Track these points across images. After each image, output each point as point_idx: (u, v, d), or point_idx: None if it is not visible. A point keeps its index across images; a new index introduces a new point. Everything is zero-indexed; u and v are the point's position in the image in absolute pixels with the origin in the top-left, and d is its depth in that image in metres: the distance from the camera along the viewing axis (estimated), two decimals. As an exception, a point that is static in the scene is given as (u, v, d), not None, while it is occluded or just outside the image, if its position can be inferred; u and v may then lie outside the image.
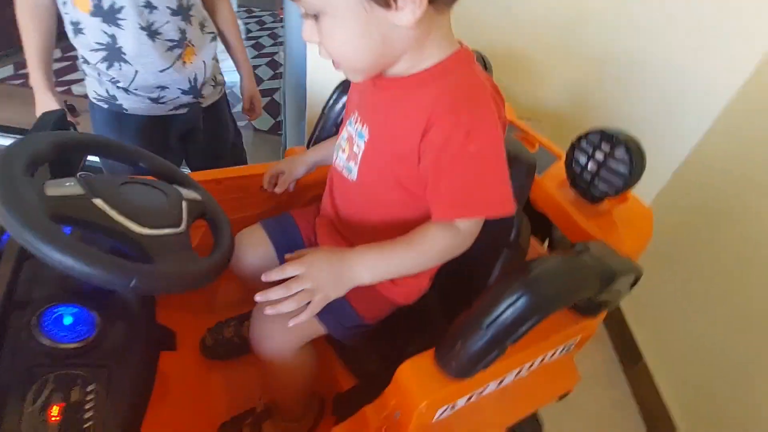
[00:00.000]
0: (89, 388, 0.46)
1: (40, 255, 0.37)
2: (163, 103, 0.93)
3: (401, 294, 0.66)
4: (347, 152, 0.61)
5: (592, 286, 0.50)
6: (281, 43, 3.06)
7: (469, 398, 0.58)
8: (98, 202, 0.43)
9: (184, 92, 0.94)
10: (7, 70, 2.19)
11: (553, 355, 0.65)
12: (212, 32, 0.98)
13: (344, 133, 0.63)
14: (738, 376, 0.93)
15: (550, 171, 0.73)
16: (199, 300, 0.93)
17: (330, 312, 0.62)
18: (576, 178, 0.65)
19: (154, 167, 0.59)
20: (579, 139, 0.63)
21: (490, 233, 0.69)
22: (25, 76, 2.11)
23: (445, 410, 0.56)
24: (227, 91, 1.13)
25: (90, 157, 0.61)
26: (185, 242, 0.50)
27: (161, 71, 0.88)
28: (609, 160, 0.59)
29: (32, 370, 0.43)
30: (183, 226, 0.51)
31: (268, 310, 0.52)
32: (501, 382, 0.60)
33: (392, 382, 0.55)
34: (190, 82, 0.94)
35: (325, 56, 0.50)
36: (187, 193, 0.56)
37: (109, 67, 0.85)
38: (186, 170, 0.94)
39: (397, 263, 0.55)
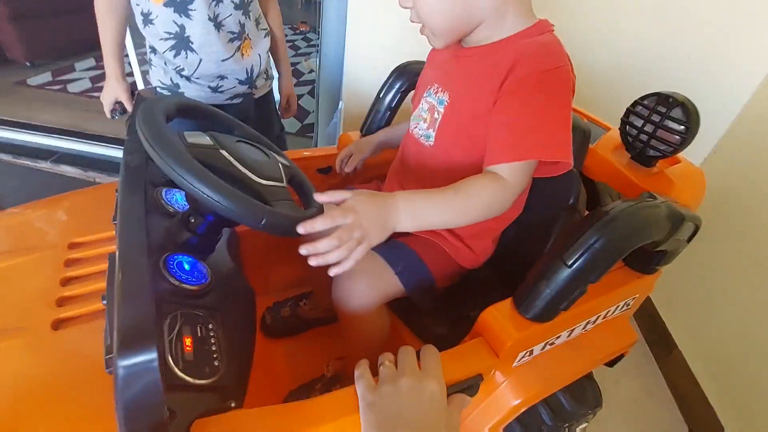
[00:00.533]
0: (210, 326, 0.50)
1: (192, 191, 0.42)
2: (221, 92, 0.99)
3: (467, 257, 0.70)
4: (428, 121, 0.65)
5: (663, 227, 0.54)
6: (302, 54, 3.17)
7: (544, 346, 0.61)
8: (224, 153, 0.49)
9: (240, 82, 1.00)
10: (46, 77, 2.28)
11: (615, 311, 0.68)
12: (266, 29, 1.04)
13: (423, 104, 0.67)
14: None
15: (601, 141, 0.77)
16: (256, 281, 0.97)
17: (407, 270, 0.67)
18: (631, 140, 0.69)
19: (250, 136, 0.64)
20: (635, 103, 0.67)
21: (546, 200, 0.73)
22: (62, 82, 2.21)
23: (524, 356, 0.59)
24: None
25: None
26: (288, 195, 0.55)
27: (223, 61, 0.94)
28: (666, 121, 0.63)
29: (162, 307, 0.47)
30: (284, 182, 0.56)
31: (313, 261, 0.47)
32: (571, 332, 0.63)
33: (474, 328, 0.59)
34: (246, 72, 0.99)
35: (416, 20, 0.57)
36: (279, 158, 0.61)
37: (176, 55, 0.91)
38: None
39: (442, 210, 0.53)
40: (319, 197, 0.52)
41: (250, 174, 0.50)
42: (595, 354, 0.69)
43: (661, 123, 0.63)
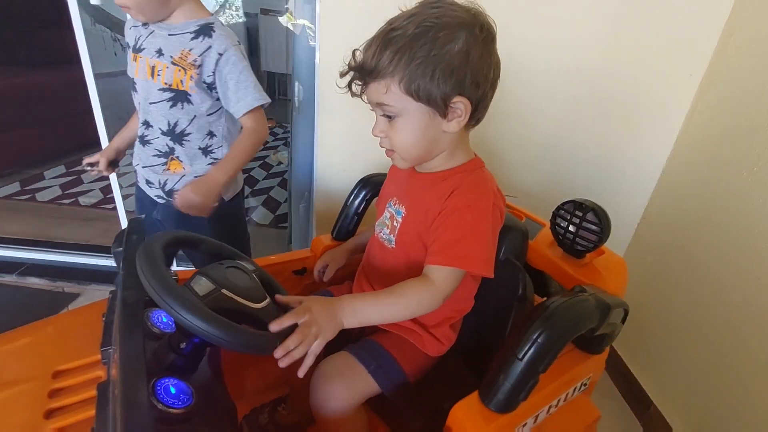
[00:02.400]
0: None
1: (217, 341, 0.51)
2: (150, 187, 1.10)
3: (432, 345, 0.77)
4: (389, 227, 0.77)
5: (594, 317, 0.64)
6: (271, 147, 3.38)
7: (512, 435, 0.66)
8: (226, 292, 0.57)
9: (161, 189, 1.08)
10: (15, 187, 2.30)
11: (574, 392, 0.75)
12: (215, 159, 1.07)
13: (386, 213, 0.80)
14: (740, 400, 1.02)
15: (539, 236, 0.90)
16: (233, 385, 0.97)
17: (380, 368, 0.72)
18: (560, 239, 0.82)
19: (230, 255, 0.72)
20: (558, 209, 0.82)
21: (501, 292, 0.84)
22: (31, 191, 2.24)
23: (493, 446, 0.64)
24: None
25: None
26: (276, 309, 0.62)
27: (144, 167, 1.07)
28: (583, 223, 0.77)
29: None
30: (267, 296, 0.63)
31: (283, 362, 0.56)
32: (536, 418, 0.69)
33: (447, 423, 0.63)
34: (160, 183, 1.07)
35: (386, 146, 0.69)
36: (250, 267, 0.68)
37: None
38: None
39: (378, 310, 0.66)
40: (280, 299, 0.64)
41: (247, 303, 0.58)
42: (562, 434, 0.74)
43: (580, 225, 0.77)
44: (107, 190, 2.31)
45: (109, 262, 1.72)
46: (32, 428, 0.55)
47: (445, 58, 0.58)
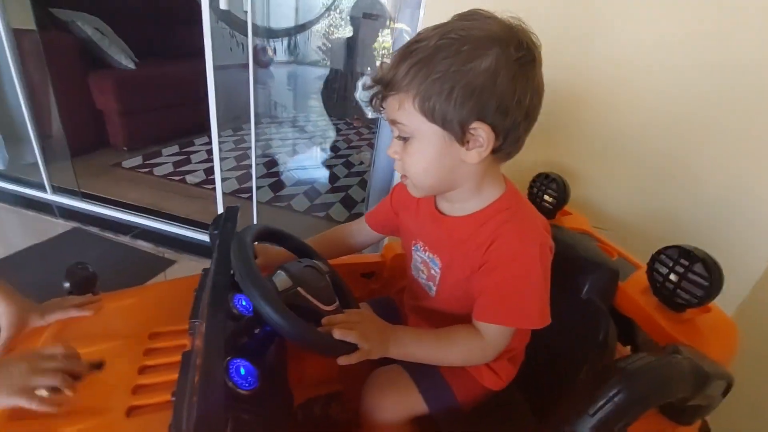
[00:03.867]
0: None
1: (287, 335, 0.55)
2: None
3: (489, 378, 0.74)
4: (426, 274, 0.73)
5: (687, 386, 0.56)
6: (354, 147, 3.51)
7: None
8: (301, 290, 0.61)
9: None
10: (138, 160, 2.68)
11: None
12: None
13: (416, 257, 0.74)
14: None
15: (632, 278, 0.81)
16: (293, 374, 1.03)
17: (431, 390, 0.71)
18: (658, 286, 0.73)
19: (303, 249, 0.78)
20: (658, 252, 0.73)
21: (578, 333, 0.77)
22: (150, 165, 2.58)
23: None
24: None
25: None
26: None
27: None
28: (688, 274, 0.67)
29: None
30: (337, 301, 0.65)
31: (342, 360, 0.58)
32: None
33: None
34: None
35: (399, 170, 0.63)
36: (325, 269, 0.71)
37: None
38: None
39: (424, 350, 0.64)
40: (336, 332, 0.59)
41: (319, 304, 0.62)
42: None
43: (684, 275, 0.67)
44: (210, 171, 2.58)
45: (203, 237, 1.92)
46: (128, 379, 0.64)
47: (467, 75, 0.51)
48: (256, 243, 0.75)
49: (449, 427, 0.74)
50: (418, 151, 0.58)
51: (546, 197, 1.02)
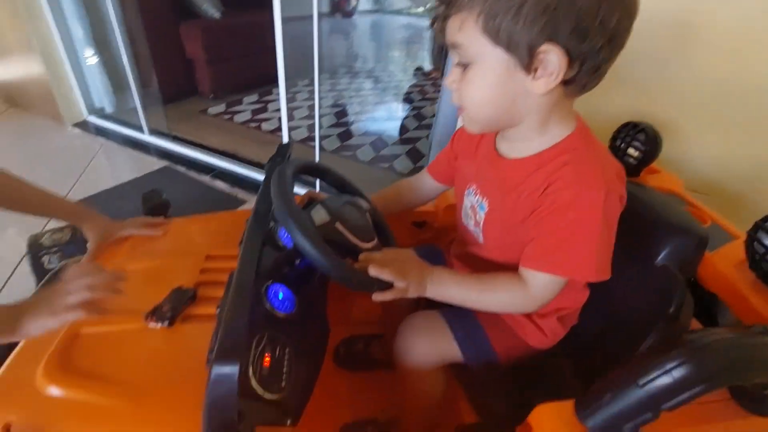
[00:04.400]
0: (286, 350, 0.59)
1: (320, 267, 0.55)
2: None
3: (534, 335, 0.69)
4: (473, 220, 0.68)
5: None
6: (427, 99, 3.39)
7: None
8: (339, 225, 0.60)
9: None
10: (221, 108, 2.87)
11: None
12: None
13: (466, 202, 0.70)
14: None
15: (723, 249, 0.69)
16: (337, 311, 1.07)
17: (468, 339, 0.68)
18: (757, 259, 0.60)
19: (343, 185, 0.77)
20: (763, 220, 0.60)
21: (645, 303, 0.68)
22: (232, 112, 2.74)
23: (577, 467, 0.55)
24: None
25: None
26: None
27: None
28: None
29: (256, 325, 0.57)
30: (376, 238, 0.65)
31: (377, 296, 0.58)
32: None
33: (526, 422, 0.57)
34: None
35: (456, 100, 0.57)
36: (366, 206, 0.70)
37: None
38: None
39: (463, 293, 0.62)
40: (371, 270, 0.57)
41: (357, 242, 0.61)
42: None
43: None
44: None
45: (273, 181, 2.03)
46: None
47: None
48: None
49: (484, 377, 0.72)
50: (478, 78, 0.52)
51: (631, 150, 0.87)
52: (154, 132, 2.39)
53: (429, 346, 0.69)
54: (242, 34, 3.03)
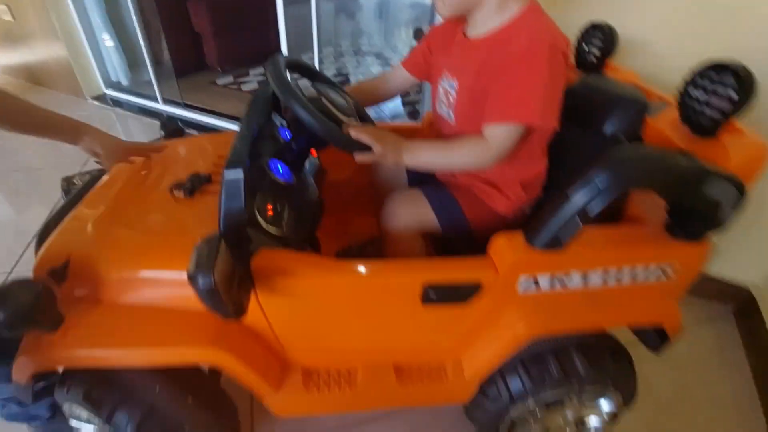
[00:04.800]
0: (285, 207, 0.71)
1: (308, 124, 0.65)
2: None
3: (501, 202, 0.79)
4: (446, 103, 0.79)
5: (678, 178, 0.56)
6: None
7: (552, 283, 0.67)
8: (324, 101, 0.72)
9: None
10: (229, 79, 3.00)
11: (645, 276, 0.68)
12: None
13: (440, 89, 0.80)
14: None
15: (662, 114, 0.77)
16: (334, 225, 1.18)
17: (442, 206, 0.79)
18: (686, 110, 0.69)
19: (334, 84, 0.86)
20: (691, 74, 0.68)
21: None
22: (239, 83, 2.85)
23: (529, 284, 0.66)
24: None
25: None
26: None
27: None
28: (718, 88, 0.63)
29: (261, 186, 0.69)
30: (357, 118, 0.77)
31: (358, 157, 0.70)
32: (585, 278, 0.67)
33: (488, 252, 0.68)
34: None
35: None
36: (351, 100, 0.81)
37: None
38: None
39: (432, 155, 0.73)
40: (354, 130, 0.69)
41: (339, 114, 0.73)
42: (613, 312, 0.70)
43: (714, 90, 0.63)
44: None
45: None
46: (206, 168, 0.83)
47: None
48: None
49: (460, 245, 0.83)
50: None
51: (593, 50, 0.96)
52: (167, 101, 2.53)
53: (410, 214, 0.80)
54: (247, 9, 3.13)
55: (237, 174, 0.60)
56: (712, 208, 0.60)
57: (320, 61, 2.04)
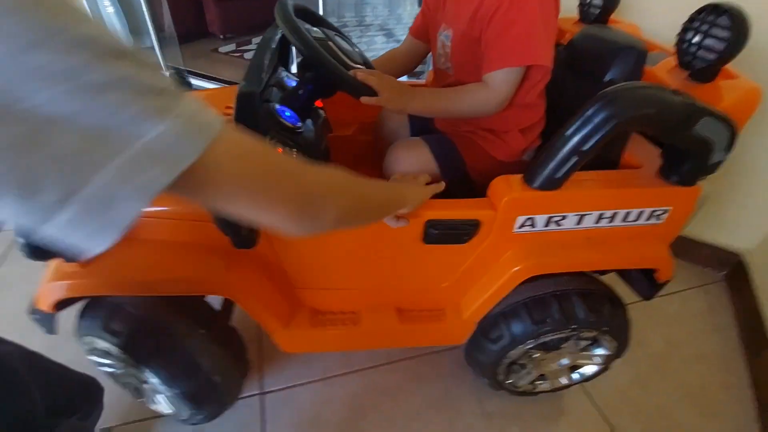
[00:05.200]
0: (293, 150, 0.73)
1: (314, 60, 0.67)
2: None
3: (500, 148, 0.82)
4: (444, 55, 0.80)
5: (671, 112, 0.58)
6: None
7: (548, 223, 0.70)
8: (332, 44, 0.73)
9: None
10: (232, 47, 2.97)
11: (638, 219, 0.71)
12: None
13: (438, 43, 0.81)
14: None
15: (662, 63, 0.79)
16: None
17: (442, 152, 0.82)
18: (683, 54, 0.71)
19: (342, 33, 0.87)
20: (690, 18, 0.69)
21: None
22: (242, 51, 2.83)
23: (525, 223, 0.69)
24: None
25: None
26: None
27: None
28: (712, 29, 0.64)
29: (269, 128, 0.72)
30: (362, 64, 0.78)
31: (364, 99, 0.71)
32: (580, 221, 0.70)
33: (487, 194, 0.71)
34: None
35: None
36: (358, 49, 0.83)
37: None
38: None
39: (438, 98, 0.75)
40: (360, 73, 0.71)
41: (344, 57, 0.74)
42: (607, 253, 0.73)
43: (708, 32, 0.65)
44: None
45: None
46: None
47: None
48: None
49: (459, 191, 0.85)
50: None
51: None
52: (169, 68, 2.52)
53: (411, 161, 0.82)
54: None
55: (251, 87, 0.63)
56: (705, 149, 0.63)
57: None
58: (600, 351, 0.89)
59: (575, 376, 0.96)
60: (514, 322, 0.81)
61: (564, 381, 0.96)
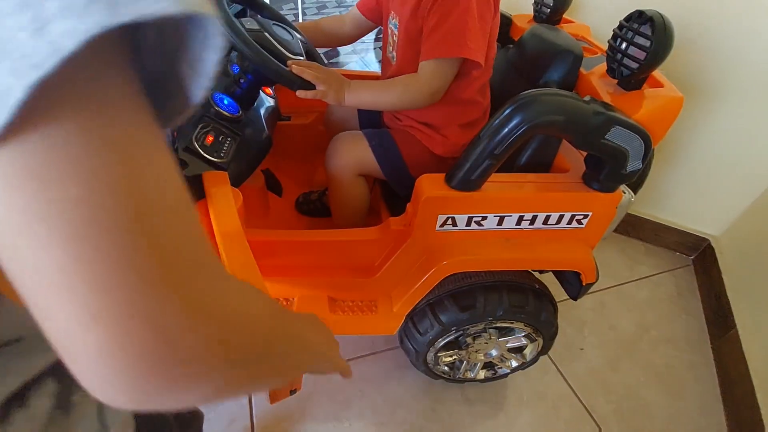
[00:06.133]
0: (228, 138, 0.74)
1: (250, 58, 0.66)
2: None
3: (439, 144, 0.83)
4: (392, 43, 0.80)
5: (582, 121, 0.59)
6: None
7: (469, 222, 0.71)
8: (266, 35, 0.72)
9: None
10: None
11: (559, 222, 0.73)
12: None
13: (388, 31, 0.81)
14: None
15: (597, 67, 0.79)
16: (298, 171, 1.21)
17: (381, 147, 0.83)
18: (610, 60, 0.71)
19: (281, 19, 0.87)
20: (619, 24, 0.69)
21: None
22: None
23: (446, 221, 0.71)
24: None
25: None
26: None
27: None
28: (635, 38, 0.64)
29: (203, 117, 0.72)
30: (304, 56, 0.78)
31: (300, 93, 0.72)
32: (501, 222, 0.71)
33: (413, 194, 0.72)
34: None
35: None
36: (299, 36, 0.83)
37: None
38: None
39: (371, 91, 0.76)
40: (297, 65, 0.71)
41: (281, 48, 0.73)
42: (529, 254, 0.75)
43: (632, 39, 0.65)
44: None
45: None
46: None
47: None
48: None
49: (401, 189, 0.86)
50: None
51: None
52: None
53: (349, 154, 0.83)
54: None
55: None
56: (620, 157, 0.64)
57: (303, 13, 2.00)
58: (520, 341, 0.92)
59: (513, 363, 0.98)
60: (440, 311, 0.83)
61: (504, 371, 0.99)
